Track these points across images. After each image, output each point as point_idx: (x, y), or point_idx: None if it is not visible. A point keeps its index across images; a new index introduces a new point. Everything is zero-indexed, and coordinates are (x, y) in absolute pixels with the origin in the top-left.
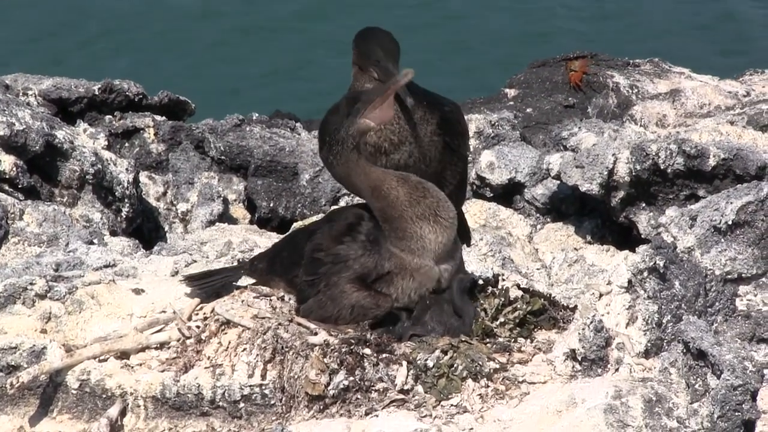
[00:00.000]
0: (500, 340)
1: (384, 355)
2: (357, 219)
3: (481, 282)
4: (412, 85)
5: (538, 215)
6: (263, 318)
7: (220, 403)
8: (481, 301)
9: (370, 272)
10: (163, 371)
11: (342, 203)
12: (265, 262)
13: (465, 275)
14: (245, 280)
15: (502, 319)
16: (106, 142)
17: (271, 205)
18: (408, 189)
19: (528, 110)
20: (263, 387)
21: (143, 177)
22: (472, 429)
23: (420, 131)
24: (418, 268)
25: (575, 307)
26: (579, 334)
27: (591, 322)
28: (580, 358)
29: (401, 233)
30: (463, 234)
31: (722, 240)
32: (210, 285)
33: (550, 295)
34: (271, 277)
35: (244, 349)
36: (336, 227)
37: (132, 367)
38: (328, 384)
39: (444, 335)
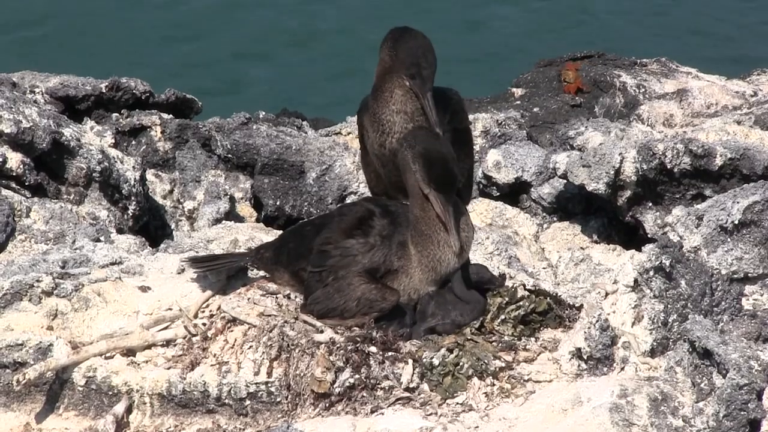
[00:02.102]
0: (506, 338)
1: (390, 353)
2: (368, 214)
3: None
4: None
5: (544, 214)
6: (269, 316)
7: (226, 401)
8: (488, 300)
9: (379, 267)
10: (169, 368)
11: (348, 201)
12: (271, 252)
13: (469, 268)
14: (250, 273)
15: (503, 317)
16: (113, 140)
17: (278, 203)
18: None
19: (535, 109)
20: (269, 384)
21: (150, 175)
22: (477, 427)
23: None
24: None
25: (581, 306)
26: (585, 332)
27: (597, 321)
28: (585, 357)
29: (421, 248)
30: None
31: (729, 239)
32: (213, 268)
33: (556, 294)
34: (276, 267)
35: (250, 347)
36: (346, 221)
37: (138, 365)
38: (334, 382)
39: (452, 325)
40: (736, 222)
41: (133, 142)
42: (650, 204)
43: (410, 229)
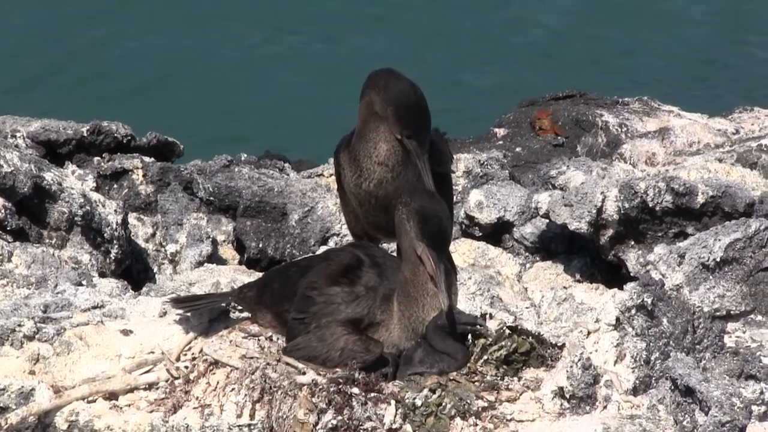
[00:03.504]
0: (488, 378)
1: (372, 394)
2: (357, 262)
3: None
4: None
5: (527, 254)
6: (251, 358)
7: None
8: (471, 340)
9: (363, 318)
10: (151, 412)
11: (331, 243)
12: (254, 291)
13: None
14: (232, 315)
15: (486, 357)
16: (95, 184)
17: (260, 245)
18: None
19: (517, 149)
20: (252, 427)
21: (132, 218)
22: None
23: (411, 170)
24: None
25: (563, 345)
26: (567, 371)
27: (579, 360)
28: (568, 396)
29: (404, 308)
30: None
31: (710, 277)
32: (196, 308)
33: (539, 333)
34: (258, 308)
35: (233, 389)
36: (332, 267)
37: (120, 408)
38: (317, 423)
39: (438, 374)
40: (718, 259)
41: (115, 186)
42: (632, 242)
43: (397, 289)
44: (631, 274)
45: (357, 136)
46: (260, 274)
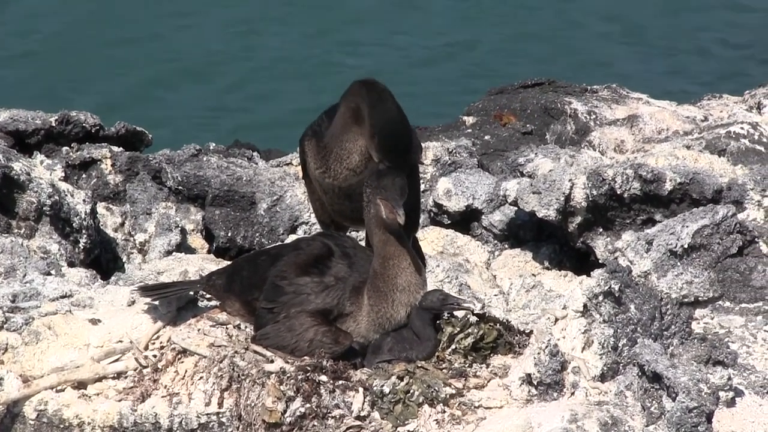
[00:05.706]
0: (456, 365)
1: (340, 382)
2: (327, 252)
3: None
4: None
5: (495, 241)
6: (219, 346)
7: None
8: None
9: (332, 309)
10: (120, 401)
11: (300, 232)
12: (223, 279)
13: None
14: (200, 304)
15: (454, 346)
16: (63, 174)
17: (229, 234)
18: (411, 279)
19: (486, 137)
20: (220, 415)
21: (101, 208)
22: None
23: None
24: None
25: (531, 331)
26: (534, 358)
27: (546, 347)
28: (535, 383)
29: (374, 302)
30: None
31: (678, 264)
32: (164, 296)
33: (507, 320)
34: (227, 296)
35: (201, 378)
36: (302, 257)
37: (89, 397)
38: (285, 411)
39: (406, 362)
40: (686, 246)
41: (84, 176)
42: (601, 229)
43: (368, 282)
44: (600, 261)
45: (333, 136)
46: (229, 263)
